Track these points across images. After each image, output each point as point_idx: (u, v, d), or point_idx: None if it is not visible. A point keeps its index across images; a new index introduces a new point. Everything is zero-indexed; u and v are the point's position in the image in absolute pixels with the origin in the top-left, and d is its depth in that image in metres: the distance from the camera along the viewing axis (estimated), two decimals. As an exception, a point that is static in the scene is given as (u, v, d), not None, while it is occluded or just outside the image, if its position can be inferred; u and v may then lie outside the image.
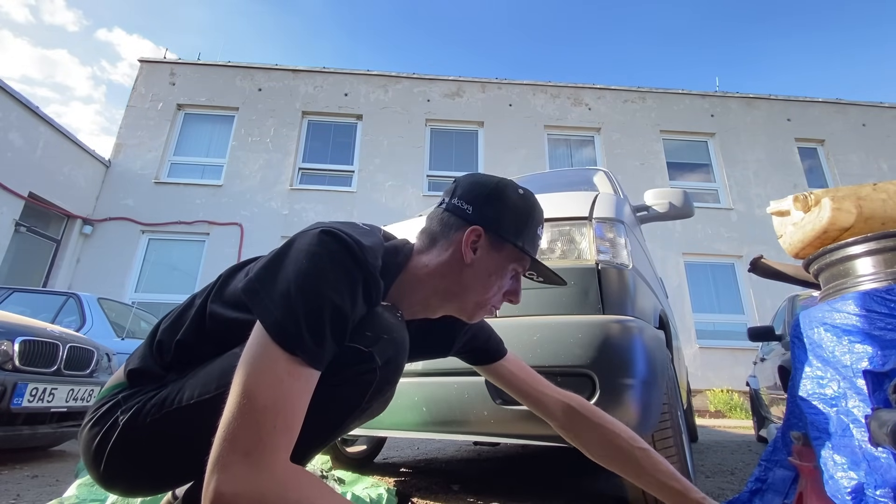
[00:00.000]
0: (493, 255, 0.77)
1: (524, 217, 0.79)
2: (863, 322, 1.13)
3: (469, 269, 0.77)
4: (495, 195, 0.79)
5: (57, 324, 3.52)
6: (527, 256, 0.80)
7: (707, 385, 7.45)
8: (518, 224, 0.78)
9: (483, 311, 0.82)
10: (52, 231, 7.48)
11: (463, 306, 0.81)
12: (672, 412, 1.42)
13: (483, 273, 0.77)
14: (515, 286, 0.83)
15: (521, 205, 0.80)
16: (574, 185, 2.34)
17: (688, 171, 9.48)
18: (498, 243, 0.77)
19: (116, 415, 0.68)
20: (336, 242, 0.62)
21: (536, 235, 0.81)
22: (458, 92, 9.54)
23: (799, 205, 1.48)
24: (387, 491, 1.56)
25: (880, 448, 1.00)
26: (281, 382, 0.53)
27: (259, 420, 0.50)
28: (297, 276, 0.58)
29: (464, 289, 0.78)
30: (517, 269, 0.81)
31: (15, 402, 2.17)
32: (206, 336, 0.73)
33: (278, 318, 0.55)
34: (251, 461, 0.49)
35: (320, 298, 0.57)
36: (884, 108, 10.07)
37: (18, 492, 1.72)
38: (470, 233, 0.76)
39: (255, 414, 0.50)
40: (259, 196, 8.29)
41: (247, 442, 0.50)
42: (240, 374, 0.53)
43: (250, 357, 0.54)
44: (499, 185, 0.81)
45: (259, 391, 0.52)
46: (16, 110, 6.55)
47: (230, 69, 9.38)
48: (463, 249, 0.76)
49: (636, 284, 1.34)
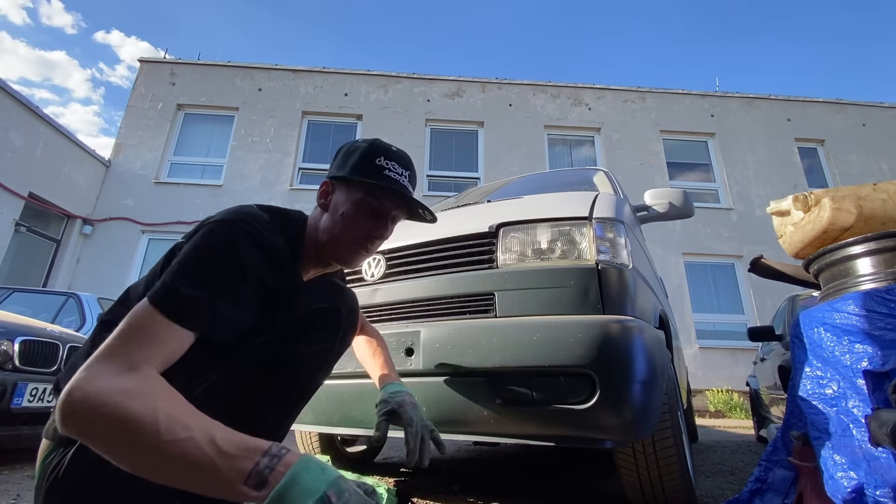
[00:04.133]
0: (340, 196, 0.89)
1: (358, 154, 0.88)
2: (863, 322, 1.13)
3: (328, 216, 0.89)
4: (337, 152, 0.94)
5: (57, 324, 3.52)
6: (376, 186, 0.86)
7: (707, 385, 7.44)
8: (354, 161, 0.88)
9: (351, 251, 0.89)
10: (52, 231, 7.48)
11: (336, 253, 0.89)
12: (672, 412, 1.42)
13: (336, 214, 0.88)
14: (377, 223, 0.89)
15: (355, 146, 0.91)
16: (574, 185, 2.34)
17: (688, 171, 9.48)
18: (341, 185, 0.90)
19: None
20: (226, 230, 0.72)
21: (378, 166, 0.87)
22: (458, 92, 9.54)
23: (799, 205, 1.48)
24: (387, 491, 1.56)
25: (880, 448, 1.00)
26: (146, 321, 0.62)
27: (125, 338, 0.59)
28: (182, 258, 0.70)
29: (329, 233, 0.88)
30: (370, 201, 0.87)
31: (15, 402, 2.16)
32: None
33: (156, 288, 0.65)
34: (113, 368, 0.56)
35: (194, 274, 0.67)
36: (884, 108, 10.07)
37: (18, 492, 1.72)
38: (321, 186, 0.91)
39: (122, 334, 0.60)
40: (259, 196, 8.28)
41: (112, 353, 0.58)
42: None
43: (131, 310, 0.64)
44: (342, 145, 0.95)
45: (129, 322, 0.61)
46: (16, 110, 6.55)
47: (230, 69, 9.37)
48: (318, 201, 0.92)
49: (636, 284, 1.34)
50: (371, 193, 0.87)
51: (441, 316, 1.41)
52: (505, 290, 1.32)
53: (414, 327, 1.38)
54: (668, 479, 1.38)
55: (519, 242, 1.40)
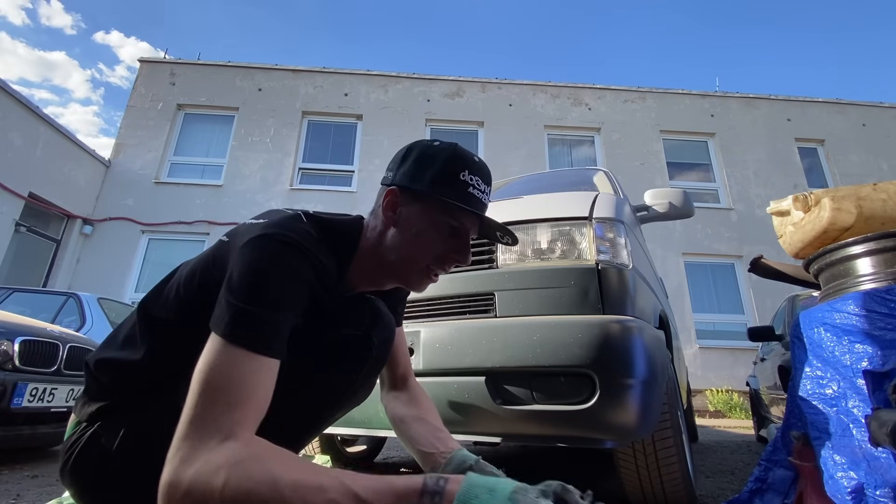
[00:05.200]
0: (413, 211, 0.75)
1: (437, 165, 0.75)
2: (863, 322, 1.13)
3: (396, 231, 0.76)
4: (406, 154, 0.79)
5: (57, 324, 3.52)
6: (457, 208, 0.74)
7: (707, 385, 7.44)
8: (433, 174, 0.74)
9: (422, 274, 0.78)
10: (52, 231, 7.48)
11: (402, 273, 0.78)
12: (672, 412, 1.42)
13: (408, 232, 0.75)
14: (456, 244, 0.77)
15: (432, 153, 0.77)
16: (574, 185, 2.34)
17: (688, 171, 9.47)
18: (416, 198, 0.75)
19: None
20: (275, 244, 0.64)
21: (462, 182, 0.74)
22: (458, 92, 9.54)
23: (799, 205, 1.48)
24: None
25: (880, 448, 1.00)
26: (227, 368, 0.54)
27: (208, 403, 0.51)
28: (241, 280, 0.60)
29: (398, 254, 0.76)
30: (450, 222, 0.76)
31: (15, 402, 2.16)
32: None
33: (226, 318, 0.57)
34: (205, 444, 0.49)
35: (261, 294, 0.59)
36: (884, 108, 10.07)
37: (18, 492, 1.72)
38: (387, 194, 0.76)
39: (203, 398, 0.52)
40: (259, 196, 8.28)
41: (199, 426, 0.50)
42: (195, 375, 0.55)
43: (202, 359, 0.56)
44: (412, 144, 0.80)
45: (206, 379, 0.53)
46: (16, 110, 6.55)
47: (230, 69, 9.37)
48: (384, 213, 0.76)
49: (636, 284, 1.34)
50: (453, 212, 0.75)
51: (441, 316, 1.41)
52: (505, 290, 1.33)
53: (414, 327, 1.38)
54: (668, 479, 1.38)
55: (519, 242, 1.40)
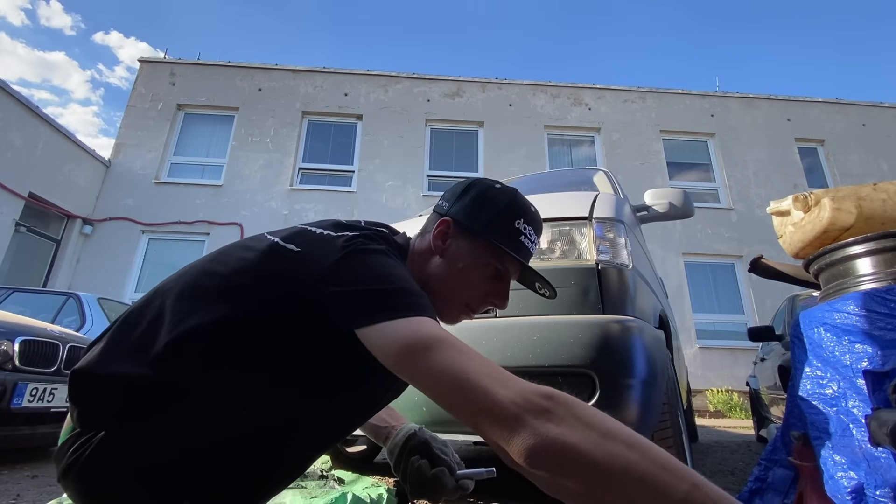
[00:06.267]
0: (463, 246, 0.77)
1: (495, 208, 0.77)
2: (863, 322, 1.13)
3: (441, 261, 0.77)
4: (467, 188, 0.81)
5: (57, 324, 3.52)
6: (505, 253, 0.75)
7: (707, 385, 7.44)
8: (490, 216, 0.76)
9: (459, 309, 0.79)
10: (52, 231, 7.48)
11: (438, 302, 0.76)
12: (672, 412, 1.42)
13: (454, 266, 0.76)
14: (497, 287, 0.78)
15: (492, 195, 0.79)
16: (574, 185, 2.34)
17: (688, 171, 9.48)
18: (468, 235, 0.77)
19: None
20: (373, 243, 0.68)
21: (515, 229, 0.76)
22: (458, 92, 9.53)
23: (799, 205, 1.48)
24: (387, 491, 1.56)
25: (880, 448, 1.00)
26: (451, 343, 0.56)
27: (483, 380, 0.53)
28: (376, 269, 0.63)
29: (438, 282, 0.76)
30: (495, 265, 0.77)
31: (15, 402, 2.16)
32: None
33: (403, 303, 0.59)
34: (543, 414, 0.49)
35: (402, 278, 0.64)
36: (884, 108, 10.07)
37: (18, 492, 1.72)
38: (440, 224, 0.78)
39: (473, 380, 0.53)
40: (259, 196, 8.28)
41: (491, 377, 0.53)
42: (420, 364, 0.54)
43: (413, 348, 0.55)
44: (475, 181, 0.82)
45: (446, 363, 0.54)
46: (16, 110, 6.55)
47: (230, 69, 9.37)
48: (433, 241, 0.78)
49: (636, 284, 1.34)
50: (501, 257, 0.76)
51: (441, 316, 1.40)
52: (505, 290, 1.32)
53: (414, 327, 1.37)
54: (668, 479, 1.38)
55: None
